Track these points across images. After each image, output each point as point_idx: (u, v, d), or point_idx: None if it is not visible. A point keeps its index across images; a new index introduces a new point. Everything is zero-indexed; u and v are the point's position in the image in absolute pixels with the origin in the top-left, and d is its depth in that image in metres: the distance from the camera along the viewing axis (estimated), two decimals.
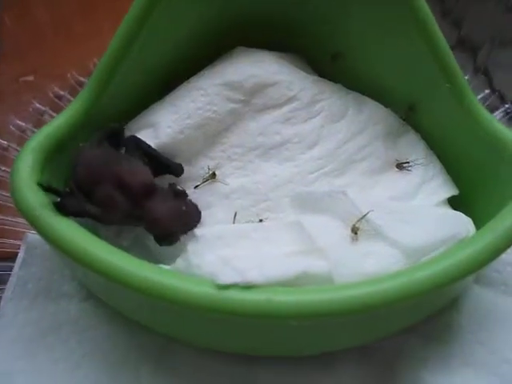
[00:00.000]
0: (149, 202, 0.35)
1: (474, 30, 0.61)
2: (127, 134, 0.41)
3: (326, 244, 0.34)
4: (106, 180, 0.35)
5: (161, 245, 0.36)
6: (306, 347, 0.38)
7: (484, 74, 0.60)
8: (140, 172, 0.36)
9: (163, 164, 0.39)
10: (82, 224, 0.34)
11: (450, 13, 0.61)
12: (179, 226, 0.36)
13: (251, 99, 0.41)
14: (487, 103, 0.57)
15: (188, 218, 0.37)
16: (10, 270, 0.43)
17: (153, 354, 0.39)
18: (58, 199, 0.34)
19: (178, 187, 0.38)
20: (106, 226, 0.38)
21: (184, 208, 0.37)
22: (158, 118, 0.41)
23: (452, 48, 0.39)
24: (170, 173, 0.40)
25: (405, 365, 0.38)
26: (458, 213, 0.40)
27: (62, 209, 0.33)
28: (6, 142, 0.52)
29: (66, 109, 0.39)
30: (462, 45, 0.60)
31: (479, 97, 0.58)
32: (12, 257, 0.45)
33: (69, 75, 0.57)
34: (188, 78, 0.42)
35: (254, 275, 0.30)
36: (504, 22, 0.61)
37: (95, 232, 0.37)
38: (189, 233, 0.37)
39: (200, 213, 0.38)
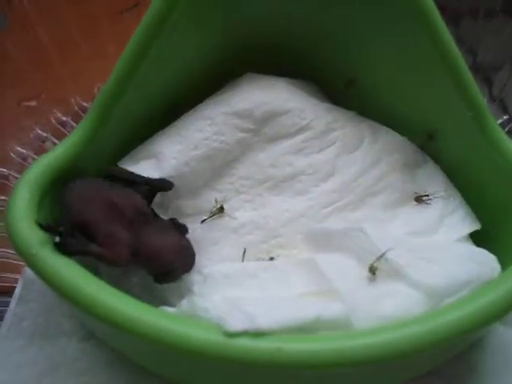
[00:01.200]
0: (144, 229, 0.34)
1: (489, 57, 0.59)
2: (129, 163, 0.39)
3: (342, 285, 0.32)
4: (99, 208, 0.33)
5: (160, 283, 0.35)
6: None
7: (500, 101, 0.58)
8: (131, 195, 0.35)
9: (153, 185, 0.37)
10: (82, 262, 0.32)
11: (464, 40, 0.59)
12: (180, 261, 0.35)
13: (261, 128, 0.40)
14: (505, 130, 0.55)
15: (189, 254, 0.36)
16: (7, 306, 0.42)
17: None
18: (57, 238, 0.32)
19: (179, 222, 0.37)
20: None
21: (185, 243, 0.36)
22: (162, 148, 0.39)
23: None
24: (161, 189, 0.38)
25: None
26: (483, 250, 0.38)
27: (63, 249, 0.32)
28: (5, 170, 0.51)
29: (65, 139, 0.37)
30: (477, 72, 0.59)
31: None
32: (9, 292, 0.44)
33: (72, 100, 0.55)
34: (194, 106, 0.41)
35: (264, 321, 0.28)
36: None
37: (97, 271, 0.35)
38: (194, 271, 0.35)
39: (194, 254, 0.37)
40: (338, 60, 0.44)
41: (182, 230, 0.36)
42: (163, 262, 0.34)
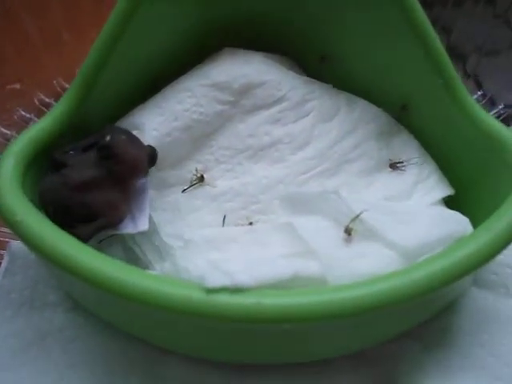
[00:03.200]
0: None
1: (463, 37, 0.60)
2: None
3: (319, 245, 0.33)
4: (78, 193, 0.35)
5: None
6: (299, 354, 0.36)
7: (474, 81, 0.59)
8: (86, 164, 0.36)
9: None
10: None
11: (438, 20, 0.60)
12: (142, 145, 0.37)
13: (239, 100, 0.41)
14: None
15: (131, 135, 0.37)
16: None
17: (141, 365, 0.38)
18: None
19: None
20: None
21: (124, 137, 0.36)
22: (144, 119, 0.40)
23: None
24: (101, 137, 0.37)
25: (403, 370, 0.37)
26: (455, 212, 0.39)
27: (83, 239, 0.33)
28: None
29: (48, 113, 0.38)
30: (450, 52, 0.60)
31: None
32: None
33: (55, 82, 0.56)
34: (175, 79, 0.42)
35: (243, 278, 0.29)
36: (492, 29, 0.61)
37: None
38: (176, 236, 0.36)
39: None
40: (313, 35, 0.44)
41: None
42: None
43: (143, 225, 0.36)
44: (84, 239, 0.33)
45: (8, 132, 0.53)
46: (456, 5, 0.60)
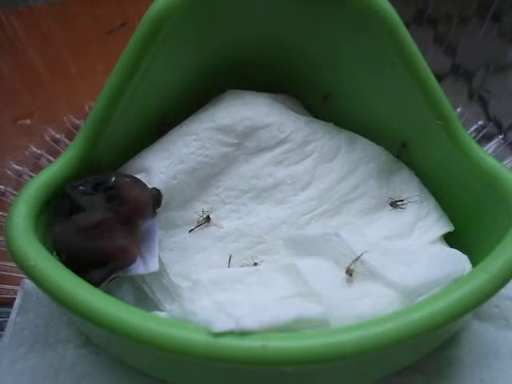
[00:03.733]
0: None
1: (468, 56, 0.61)
2: None
3: (321, 287, 0.34)
4: (87, 239, 0.35)
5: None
6: None
7: (479, 101, 0.60)
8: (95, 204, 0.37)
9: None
10: None
11: (443, 40, 0.61)
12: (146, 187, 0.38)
13: (243, 142, 0.42)
14: (483, 132, 0.57)
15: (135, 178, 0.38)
16: (7, 317, 0.43)
17: None
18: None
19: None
20: None
21: (128, 179, 0.38)
22: (150, 162, 0.41)
23: (446, 75, 0.39)
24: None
25: None
26: (454, 250, 0.40)
27: (95, 284, 0.34)
28: (2, 187, 0.52)
29: (60, 156, 0.39)
30: (455, 72, 0.61)
31: (474, 127, 0.58)
32: (9, 303, 0.45)
33: (65, 118, 0.57)
34: (180, 122, 0.43)
35: (248, 322, 0.30)
36: (497, 48, 0.61)
37: None
38: (183, 277, 0.37)
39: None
40: (315, 77, 0.46)
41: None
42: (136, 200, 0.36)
43: (153, 266, 0.37)
44: (96, 284, 0.34)
45: (20, 168, 0.54)
46: (461, 22, 0.61)
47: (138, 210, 0.36)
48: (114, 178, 0.37)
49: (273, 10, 0.40)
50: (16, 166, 0.54)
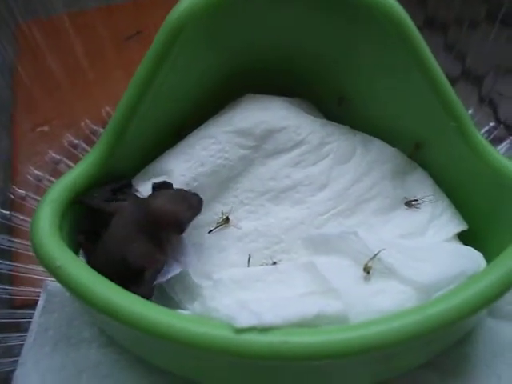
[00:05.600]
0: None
1: (478, 61, 0.61)
2: (140, 181, 0.42)
3: (340, 284, 0.35)
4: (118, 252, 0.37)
5: (180, 233, 0.38)
6: None
7: (489, 105, 0.61)
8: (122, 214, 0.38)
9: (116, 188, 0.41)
10: None
11: (453, 46, 0.62)
12: (180, 207, 0.38)
13: (261, 145, 0.43)
14: (494, 134, 0.58)
15: (187, 197, 0.39)
16: (30, 318, 0.44)
17: None
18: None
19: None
20: None
21: (172, 192, 0.39)
22: (171, 166, 0.42)
23: (456, 80, 0.40)
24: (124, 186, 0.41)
25: None
26: (468, 248, 0.41)
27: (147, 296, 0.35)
28: (23, 192, 0.54)
29: (81, 160, 0.40)
30: (466, 76, 0.61)
31: (485, 129, 0.59)
32: (31, 304, 0.46)
33: (82, 124, 0.58)
34: (198, 126, 0.44)
35: (270, 317, 0.30)
36: (507, 53, 0.62)
37: None
38: (204, 276, 0.38)
39: (201, 199, 0.39)
40: (329, 81, 0.46)
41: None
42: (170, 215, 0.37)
43: (189, 263, 0.39)
44: (149, 296, 0.35)
45: (40, 173, 0.55)
46: (471, 27, 0.61)
47: (173, 226, 0.37)
48: (157, 183, 0.39)
49: (290, 17, 0.41)
50: (36, 172, 0.55)
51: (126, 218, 0.37)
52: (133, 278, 0.36)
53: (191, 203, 0.38)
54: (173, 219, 0.37)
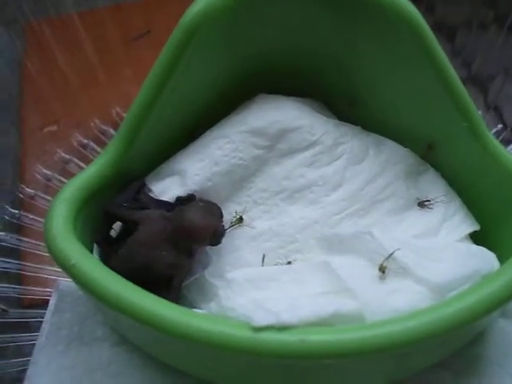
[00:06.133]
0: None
1: (484, 67, 0.62)
2: (154, 181, 0.42)
3: (355, 284, 0.35)
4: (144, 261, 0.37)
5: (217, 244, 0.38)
6: None
7: (495, 109, 0.61)
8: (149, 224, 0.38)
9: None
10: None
11: (460, 52, 0.62)
12: (214, 220, 0.38)
13: (275, 144, 0.43)
14: (500, 138, 0.58)
15: (213, 209, 0.39)
16: (39, 317, 0.44)
17: None
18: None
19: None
20: None
21: (202, 204, 0.39)
22: (184, 165, 0.42)
23: (463, 84, 0.40)
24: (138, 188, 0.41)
25: None
26: (482, 248, 0.41)
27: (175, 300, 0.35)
28: (32, 191, 0.54)
29: (94, 160, 0.40)
30: (472, 82, 0.61)
31: (492, 132, 0.59)
32: (40, 304, 0.46)
33: (91, 124, 0.58)
34: (210, 126, 0.44)
35: (287, 316, 0.30)
36: None
37: None
38: (218, 276, 0.38)
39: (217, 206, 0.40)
40: (342, 82, 0.47)
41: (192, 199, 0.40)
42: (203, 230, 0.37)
43: (210, 263, 0.39)
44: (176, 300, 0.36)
45: (49, 172, 0.55)
46: (479, 30, 0.62)
47: (201, 239, 0.38)
48: (185, 196, 0.40)
49: (303, 19, 0.41)
50: (45, 171, 0.55)
51: (151, 228, 0.37)
52: (159, 284, 0.36)
53: (218, 213, 0.39)
54: (211, 233, 0.37)
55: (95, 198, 0.39)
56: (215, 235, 0.38)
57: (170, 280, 0.37)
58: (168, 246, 0.37)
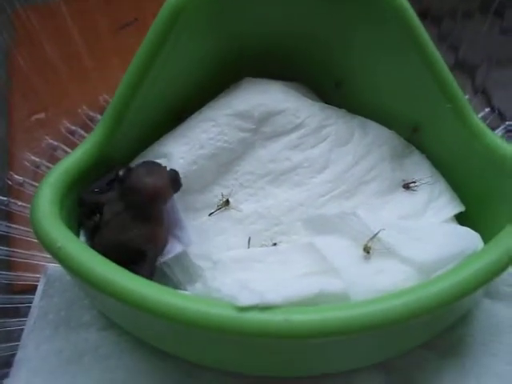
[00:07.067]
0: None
1: (471, 52, 0.62)
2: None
3: (340, 264, 0.35)
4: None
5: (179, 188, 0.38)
6: (325, 366, 0.38)
7: (483, 94, 0.61)
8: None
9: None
10: None
11: (447, 36, 0.62)
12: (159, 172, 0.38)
13: (260, 127, 0.43)
14: (487, 122, 0.58)
15: (155, 167, 0.38)
16: (28, 303, 0.44)
17: (174, 379, 0.40)
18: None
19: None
20: None
21: (141, 167, 0.38)
22: (170, 148, 0.42)
23: (450, 70, 0.40)
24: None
25: (423, 379, 0.39)
26: (466, 228, 0.41)
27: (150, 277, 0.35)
28: (21, 178, 0.54)
29: (80, 144, 0.40)
30: (460, 67, 0.62)
31: (479, 116, 0.59)
32: (29, 289, 0.46)
33: (79, 110, 0.58)
34: (197, 110, 0.44)
35: (272, 296, 0.31)
36: (499, 43, 0.62)
37: None
38: (204, 258, 0.38)
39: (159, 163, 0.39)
40: (327, 65, 0.47)
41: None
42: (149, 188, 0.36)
43: (189, 240, 0.39)
44: (151, 277, 0.36)
45: (37, 159, 0.55)
46: (465, 17, 0.62)
47: (153, 196, 0.37)
48: (121, 172, 0.37)
49: (288, 3, 0.41)
50: (33, 158, 0.55)
51: (115, 206, 0.37)
52: (135, 259, 0.36)
53: (161, 169, 0.38)
54: (152, 190, 0.36)
55: (81, 182, 0.39)
56: (176, 181, 0.38)
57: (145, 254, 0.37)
58: (137, 222, 0.37)
